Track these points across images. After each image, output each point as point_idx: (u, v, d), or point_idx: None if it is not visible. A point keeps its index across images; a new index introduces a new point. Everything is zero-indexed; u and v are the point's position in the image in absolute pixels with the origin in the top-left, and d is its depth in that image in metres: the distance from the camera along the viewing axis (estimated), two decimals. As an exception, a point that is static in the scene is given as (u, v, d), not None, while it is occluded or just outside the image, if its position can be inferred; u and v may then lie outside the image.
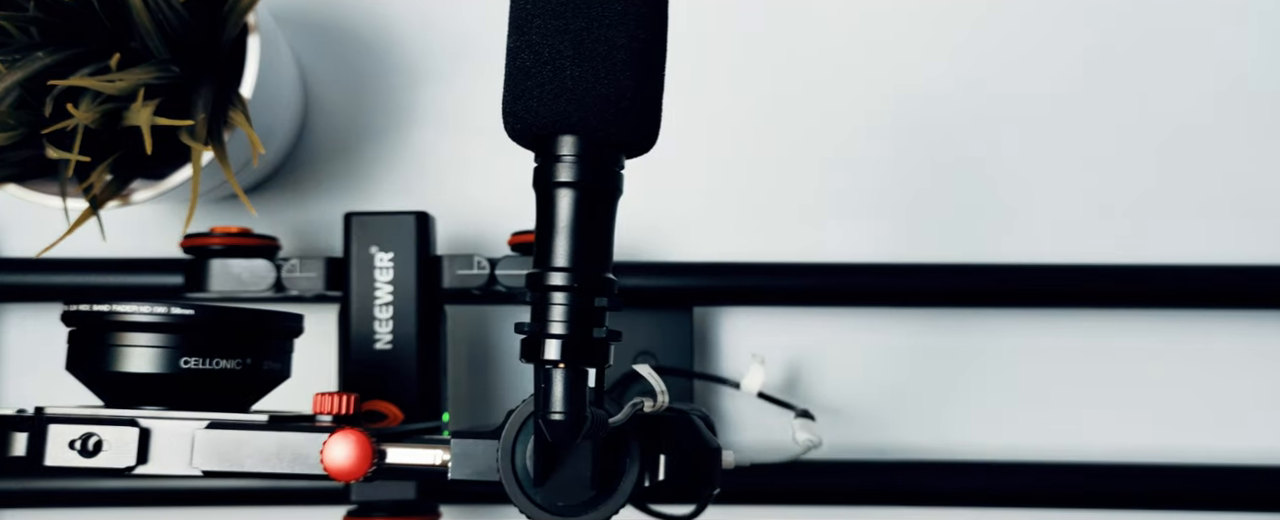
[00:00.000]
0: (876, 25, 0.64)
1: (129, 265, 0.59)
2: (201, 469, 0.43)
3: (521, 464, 0.41)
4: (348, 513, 0.54)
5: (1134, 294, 0.60)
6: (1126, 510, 0.60)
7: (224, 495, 0.59)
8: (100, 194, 0.50)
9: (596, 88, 0.36)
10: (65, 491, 0.59)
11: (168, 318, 0.43)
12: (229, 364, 0.44)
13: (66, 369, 0.46)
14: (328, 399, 0.43)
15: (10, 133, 0.49)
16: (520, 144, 0.38)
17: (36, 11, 0.49)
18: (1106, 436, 0.61)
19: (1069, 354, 0.62)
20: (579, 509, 0.41)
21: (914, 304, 0.61)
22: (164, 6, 0.48)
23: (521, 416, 0.41)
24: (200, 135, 0.49)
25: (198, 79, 0.50)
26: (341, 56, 0.64)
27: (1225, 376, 0.62)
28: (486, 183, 0.63)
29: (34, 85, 0.49)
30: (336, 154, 0.63)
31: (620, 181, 0.38)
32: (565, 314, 0.36)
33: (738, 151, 0.63)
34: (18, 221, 0.62)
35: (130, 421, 0.43)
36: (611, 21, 0.36)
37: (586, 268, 0.36)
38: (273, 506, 0.60)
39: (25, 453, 0.43)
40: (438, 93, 0.64)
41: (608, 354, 0.37)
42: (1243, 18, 0.63)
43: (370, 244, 0.55)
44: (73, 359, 0.45)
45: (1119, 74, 0.63)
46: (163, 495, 0.59)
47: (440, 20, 0.64)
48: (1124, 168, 0.63)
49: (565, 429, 0.37)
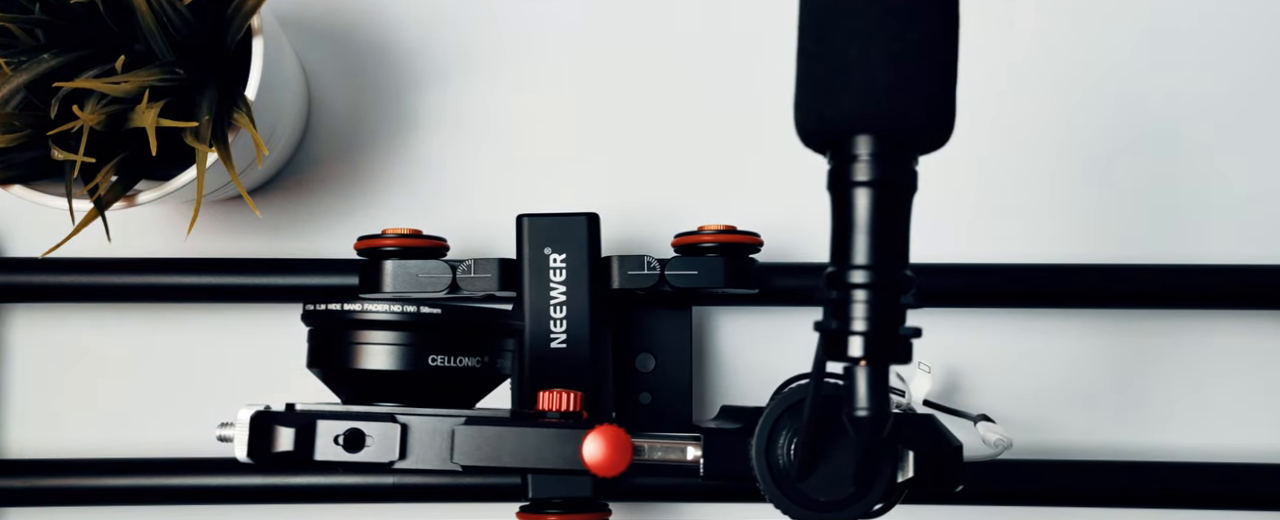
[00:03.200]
0: (1061, 22, 0.64)
1: (221, 265, 0.60)
2: (460, 464, 0.44)
3: (776, 461, 0.41)
4: (521, 509, 0.53)
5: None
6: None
7: (389, 492, 0.59)
8: (105, 195, 0.51)
9: (908, 89, 0.36)
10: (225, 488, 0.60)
11: (418, 317, 0.44)
12: (470, 361, 0.46)
13: (307, 367, 0.47)
14: (555, 396, 0.45)
15: (16, 134, 0.49)
16: (811, 146, 0.38)
17: (42, 14, 0.49)
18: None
19: (1242, 356, 0.62)
20: (840, 506, 0.41)
21: (1080, 305, 0.61)
22: (168, 9, 0.49)
23: (775, 412, 0.41)
24: (205, 137, 0.49)
25: (202, 81, 0.51)
26: (345, 58, 0.64)
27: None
28: (498, 190, 0.63)
29: (39, 87, 0.49)
30: (339, 155, 0.64)
31: (917, 179, 0.38)
32: (868, 311, 0.36)
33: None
34: (24, 222, 0.62)
35: (389, 417, 0.43)
36: (920, 23, 0.36)
37: (887, 265, 0.37)
38: (441, 503, 0.60)
39: (292, 448, 0.44)
40: (442, 95, 0.64)
41: (910, 351, 0.37)
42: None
43: (543, 245, 0.55)
44: (315, 357, 0.46)
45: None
46: (320, 492, 0.60)
47: (443, 22, 0.64)
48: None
49: (871, 425, 0.37)
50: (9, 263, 0.61)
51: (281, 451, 0.44)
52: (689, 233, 0.56)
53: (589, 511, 0.52)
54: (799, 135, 0.38)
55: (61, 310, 0.63)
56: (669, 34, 0.64)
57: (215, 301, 0.61)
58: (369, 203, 0.63)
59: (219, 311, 0.63)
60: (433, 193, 0.63)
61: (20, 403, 0.63)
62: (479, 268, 0.55)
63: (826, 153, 0.38)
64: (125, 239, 0.60)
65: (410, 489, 0.59)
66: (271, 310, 0.62)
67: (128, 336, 0.63)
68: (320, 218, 0.63)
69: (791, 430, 0.43)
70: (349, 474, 0.59)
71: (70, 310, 0.63)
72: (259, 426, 0.44)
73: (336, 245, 0.63)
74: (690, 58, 0.64)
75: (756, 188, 0.63)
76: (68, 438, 0.62)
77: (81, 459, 0.61)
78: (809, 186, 0.61)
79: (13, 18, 0.48)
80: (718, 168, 0.64)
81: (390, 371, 0.44)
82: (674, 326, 0.58)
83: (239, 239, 0.63)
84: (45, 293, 0.60)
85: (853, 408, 0.37)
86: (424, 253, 0.56)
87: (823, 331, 0.37)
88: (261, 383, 0.63)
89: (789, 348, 0.62)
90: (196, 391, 0.63)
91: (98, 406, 0.63)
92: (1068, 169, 0.63)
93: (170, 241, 0.62)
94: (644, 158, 0.64)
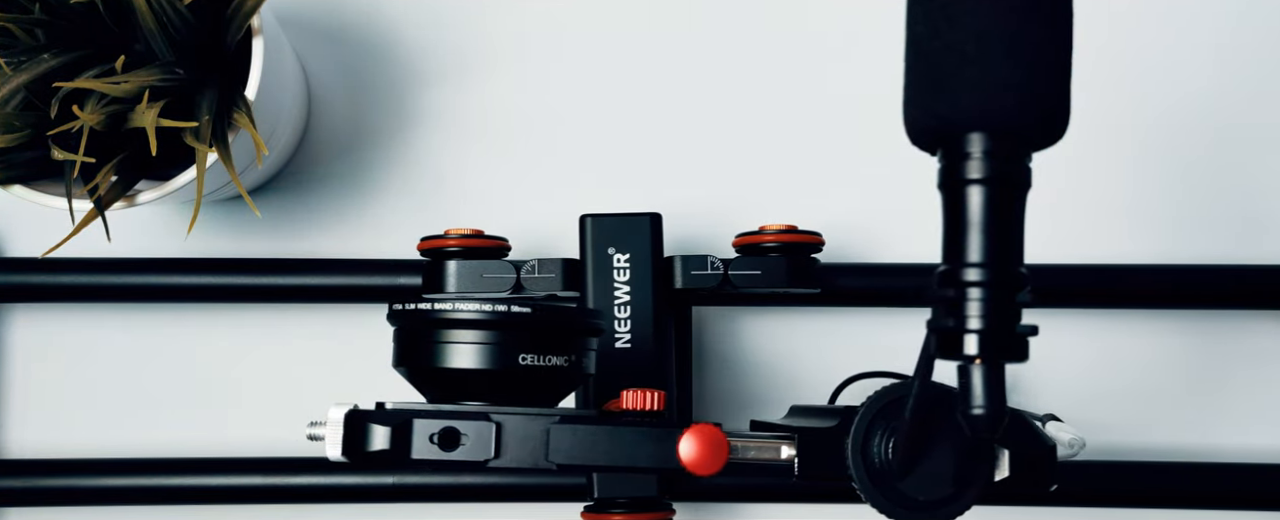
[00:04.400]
0: (1138, 20, 0.64)
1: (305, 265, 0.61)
2: (556, 462, 0.44)
3: (872, 460, 0.41)
4: (585, 509, 0.53)
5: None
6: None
7: (450, 492, 0.59)
8: (105, 195, 0.51)
9: (1028, 86, 0.36)
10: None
11: (510, 316, 0.44)
12: (559, 361, 0.45)
13: (393, 366, 0.46)
14: (638, 395, 0.45)
15: (16, 134, 0.49)
16: (920, 143, 0.38)
17: (42, 14, 0.49)
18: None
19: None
20: (938, 506, 0.41)
21: (1155, 306, 0.62)
22: (168, 10, 0.49)
23: (872, 411, 0.42)
24: (204, 137, 0.49)
25: (202, 81, 0.51)
26: (345, 58, 0.64)
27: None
28: (490, 186, 0.63)
29: (39, 87, 0.49)
30: (339, 155, 0.64)
31: (1031, 175, 0.38)
32: (983, 309, 0.36)
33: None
34: (24, 223, 0.62)
35: (484, 416, 0.44)
36: (1040, 20, 0.36)
37: (1002, 263, 0.37)
38: (501, 503, 0.60)
39: (387, 447, 0.43)
40: (441, 94, 0.64)
41: (1027, 349, 0.37)
42: None
43: (607, 245, 0.55)
44: (401, 356, 0.46)
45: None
46: (323, 492, 0.60)
47: (443, 22, 0.64)
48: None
49: (987, 424, 0.37)
50: (9, 263, 0.61)
51: (376, 450, 0.43)
52: (750, 233, 0.56)
53: (654, 511, 0.52)
54: (909, 133, 0.38)
55: (61, 310, 0.63)
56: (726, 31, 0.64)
57: (215, 301, 0.61)
58: (369, 203, 0.63)
59: (219, 311, 0.63)
60: (452, 194, 0.63)
61: (20, 403, 0.63)
62: (543, 268, 0.55)
63: (937, 151, 0.38)
64: (125, 239, 0.60)
65: (442, 489, 0.59)
66: (272, 310, 0.62)
67: (127, 336, 0.63)
68: (320, 218, 0.63)
69: (886, 429, 0.43)
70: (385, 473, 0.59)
71: (70, 310, 0.63)
72: (353, 425, 0.44)
73: (337, 245, 0.63)
74: (748, 55, 0.64)
75: (813, 188, 0.63)
76: (68, 438, 0.62)
77: (81, 459, 0.61)
78: (860, 187, 0.62)
79: (13, 18, 0.48)
80: (773, 168, 0.63)
81: (481, 370, 0.44)
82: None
83: (239, 239, 0.63)
84: (45, 293, 0.60)
85: (969, 406, 0.36)
86: (486, 253, 0.56)
87: (936, 330, 0.37)
88: (261, 383, 0.63)
89: (850, 349, 0.62)
90: (196, 391, 0.63)
91: (97, 406, 0.63)
92: (1144, 168, 0.63)
93: (170, 241, 0.62)
94: (700, 157, 0.64)
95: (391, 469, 0.59)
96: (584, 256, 0.55)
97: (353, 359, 0.62)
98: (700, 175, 0.63)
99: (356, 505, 0.61)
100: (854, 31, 0.64)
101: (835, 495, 0.58)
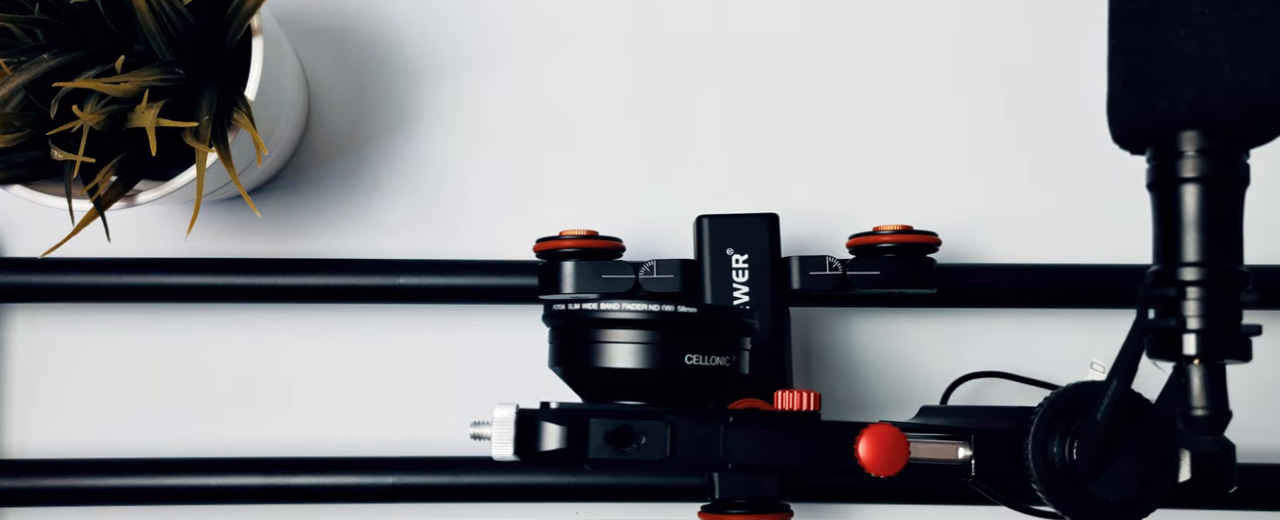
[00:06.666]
0: None
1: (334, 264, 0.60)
2: (732, 462, 0.43)
3: (1052, 462, 0.41)
4: (702, 509, 0.53)
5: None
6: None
7: (558, 491, 0.59)
8: (105, 195, 0.51)
9: (1252, 83, 0.35)
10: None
11: (676, 315, 0.44)
12: (721, 361, 0.45)
13: (550, 366, 0.46)
14: (792, 396, 0.44)
15: (16, 134, 0.49)
16: (1127, 143, 0.38)
17: (42, 14, 0.49)
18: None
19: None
20: (1126, 508, 0.41)
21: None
22: (168, 10, 0.49)
23: (1051, 412, 0.42)
24: (204, 137, 0.49)
25: (202, 81, 0.51)
26: (345, 58, 0.64)
27: None
28: (495, 184, 0.63)
29: (39, 87, 0.49)
30: (339, 155, 0.64)
31: (1249, 172, 0.37)
32: (1202, 309, 0.36)
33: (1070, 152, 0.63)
34: (24, 222, 0.62)
35: (658, 415, 0.43)
36: (1260, 16, 0.35)
37: (1223, 262, 0.36)
38: (615, 503, 0.60)
39: (563, 445, 0.43)
40: (441, 94, 0.64)
41: (1250, 349, 0.37)
42: None
43: (725, 246, 0.55)
44: (559, 355, 0.46)
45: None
46: (324, 492, 0.59)
47: (443, 21, 0.64)
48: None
49: (1210, 424, 0.36)
50: (9, 263, 0.61)
51: (551, 449, 0.43)
52: (865, 233, 0.56)
53: (774, 511, 0.52)
54: (1115, 132, 0.38)
55: (61, 310, 0.63)
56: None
57: (216, 301, 0.61)
58: (369, 202, 0.63)
59: (219, 311, 0.63)
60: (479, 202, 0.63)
61: (20, 403, 0.63)
62: (661, 269, 0.55)
63: (1146, 150, 0.37)
64: (125, 239, 0.60)
65: (550, 488, 0.59)
66: (272, 310, 0.62)
67: (127, 337, 0.63)
68: (320, 218, 0.63)
69: (1065, 431, 0.43)
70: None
71: (70, 310, 0.63)
72: (524, 424, 0.43)
73: (337, 245, 0.63)
74: (859, 54, 0.64)
75: (918, 189, 0.63)
76: (68, 438, 0.62)
77: (81, 459, 0.61)
78: (972, 187, 0.62)
79: (13, 18, 0.48)
80: (883, 169, 0.63)
81: (648, 370, 0.44)
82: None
83: (239, 239, 0.63)
84: (45, 293, 0.60)
85: (1189, 407, 0.36)
86: (602, 253, 0.56)
87: (1150, 329, 0.37)
88: (262, 382, 0.63)
89: (963, 349, 0.62)
90: (196, 391, 0.63)
91: (97, 406, 0.63)
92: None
93: (170, 241, 0.62)
94: (812, 159, 0.63)
95: (565, 468, 0.58)
96: (701, 257, 0.55)
97: (353, 359, 0.62)
98: (808, 176, 0.63)
99: (357, 505, 0.61)
100: (965, 32, 0.64)
101: (943, 497, 0.58)
